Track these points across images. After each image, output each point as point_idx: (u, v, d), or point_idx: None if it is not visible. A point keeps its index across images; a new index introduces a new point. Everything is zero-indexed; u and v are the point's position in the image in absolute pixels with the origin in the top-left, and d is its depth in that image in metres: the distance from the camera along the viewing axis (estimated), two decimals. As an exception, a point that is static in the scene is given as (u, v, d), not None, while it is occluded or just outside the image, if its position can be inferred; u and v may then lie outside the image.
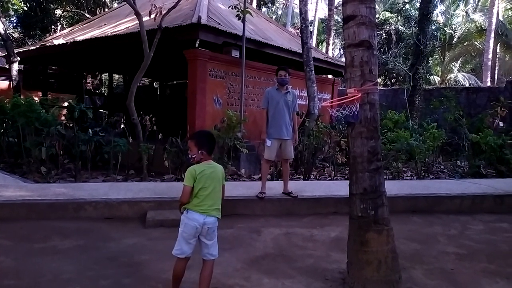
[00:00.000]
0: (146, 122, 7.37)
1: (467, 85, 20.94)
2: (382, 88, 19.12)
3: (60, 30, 17.89)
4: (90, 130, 7.09)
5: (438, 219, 5.12)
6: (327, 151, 8.43)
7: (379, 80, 22.58)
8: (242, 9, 7.47)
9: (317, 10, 25.73)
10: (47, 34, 17.47)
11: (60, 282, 3.03)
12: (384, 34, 21.21)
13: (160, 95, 14.58)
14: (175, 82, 14.66)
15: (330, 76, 13.70)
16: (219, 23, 8.15)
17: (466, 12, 26.05)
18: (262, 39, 9.20)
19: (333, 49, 24.70)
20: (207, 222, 2.69)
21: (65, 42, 10.11)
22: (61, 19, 20.24)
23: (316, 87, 9.53)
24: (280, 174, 6.46)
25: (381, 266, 2.91)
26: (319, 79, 11.05)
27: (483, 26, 21.95)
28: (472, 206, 5.55)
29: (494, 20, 18.96)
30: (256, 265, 3.48)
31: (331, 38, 21.74)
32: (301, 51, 9.52)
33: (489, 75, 20.06)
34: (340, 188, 5.64)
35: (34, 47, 11.89)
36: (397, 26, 21.48)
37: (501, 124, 10.40)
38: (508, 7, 23.34)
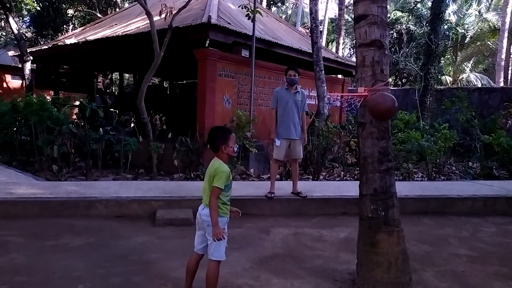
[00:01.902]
0: (156, 121, 7.41)
1: (479, 85, 20.64)
2: (393, 88, 18.93)
3: (72, 30, 18.11)
4: (101, 129, 7.14)
5: (449, 221, 5.06)
6: (336, 151, 8.38)
7: (390, 80, 22.43)
8: (252, 9, 7.47)
9: (327, 9, 25.68)
10: (59, 34, 17.69)
11: (71, 279, 3.06)
12: (395, 33, 21.00)
13: (170, 95, 14.67)
14: (184, 82, 14.73)
15: (340, 76, 13.62)
16: (229, 23, 8.16)
17: (479, 12, 25.67)
18: (272, 39, 9.18)
19: (343, 48, 24.55)
20: (202, 213, 2.71)
21: (76, 41, 10.22)
22: (73, 19, 20.49)
23: (326, 87, 9.47)
24: (289, 174, 6.44)
25: (391, 268, 2.89)
26: (329, 79, 10.99)
27: (496, 26, 21.62)
28: (484, 208, 5.47)
29: (507, 20, 18.68)
30: (265, 265, 3.48)
31: (341, 38, 21.60)
32: (311, 51, 9.48)
33: (502, 75, 19.77)
34: (349, 188, 5.60)
35: (46, 47, 12.05)
36: (408, 25, 21.27)
37: (514, 125, 10.23)
38: (523, 6, 22.91)
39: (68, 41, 10.77)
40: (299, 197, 5.21)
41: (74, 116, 9.10)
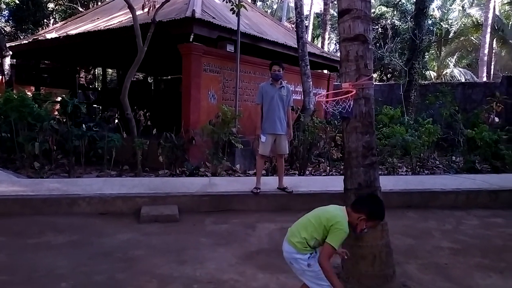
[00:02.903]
0: (140, 117, 7.32)
1: (463, 80, 20.97)
2: (378, 83, 19.10)
3: (52, 24, 17.70)
4: (83, 125, 7.02)
5: (433, 214, 5.13)
6: (322, 146, 8.42)
7: (375, 75, 22.66)
8: (237, 3, 7.40)
9: (313, 4, 25.60)
10: (40, 28, 17.26)
11: (54, 277, 3.01)
12: (380, 28, 21.17)
13: (154, 90, 14.52)
14: (169, 77, 14.58)
15: (325, 71, 13.65)
16: (213, 17, 8.09)
17: (463, 7, 26.07)
18: (257, 34, 9.14)
19: (328, 44, 24.63)
20: (285, 248, 2.42)
21: (58, 36, 10.00)
22: (54, 13, 20.00)
23: (311, 82, 9.50)
24: (275, 170, 6.45)
25: (375, 261, 2.91)
26: (314, 74, 11.00)
27: (479, 21, 21.93)
28: (467, 201, 5.56)
29: (490, 15, 18.94)
30: (251, 260, 3.48)
31: (326, 33, 21.63)
32: (296, 46, 9.47)
33: (485, 70, 20.06)
34: (335, 183, 5.62)
35: (26, 41, 11.76)
36: (393, 20, 21.45)
37: (496, 119, 10.43)
38: (505, 1, 23.33)
39: (48, 36, 10.53)
40: (285, 192, 5.22)
41: (56, 113, 8.91)
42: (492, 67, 24.19)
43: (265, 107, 5.22)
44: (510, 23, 22.33)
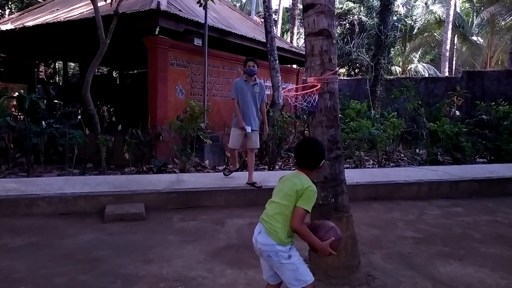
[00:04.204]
0: (103, 113, 7.08)
1: (426, 75, 21.74)
2: (346, 78, 19.46)
3: (8, 15, 16.79)
4: (43, 122, 6.71)
5: (397, 205, 5.27)
6: (292, 141, 8.47)
7: (343, 70, 23.07)
8: (204, -4, 7.28)
9: (282, -1, 25.65)
10: (-6, 19, 16.32)
11: (11, 281, 2.87)
12: (347, 24, 21.51)
13: (119, 85, 14.11)
14: (135, 71, 14.21)
15: (294, 66, 13.74)
16: (180, 10, 7.92)
17: (426, 4, 26.94)
18: (225, 27, 9.05)
19: (297, 38, 24.77)
20: (258, 240, 2.23)
21: (13, 27, 9.48)
22: (9, 3, 18.95)
23: (280, 77, 9.52)
24: (245, 165, 6.42)
25: (341, 252, 2.94)
26: (283, 68, 11.05)
27: (442, 18, 22.73)
28: (429, 192, 5.75)
29: (451, 12, 19.64)
30: (219, 257, 3.44)
31: (295, 28, 21.77)
32: (265, 40, 9.46)
33: (447, 65, 20.83)
34: (303, 177, 5.68)
35: (-21, 33, 11.08)
36: (360, 16, 21.84)
37: (457, 113, 10.88)
38: (465, -1, 24.33)
39: (3, 27, 9.96)
40: (254, 187, 5.20)
41: (13, 109, 8.46)
42: (454, 62, 25.18)
43: (240, 103, 5.19)
44: (470, 20, 23.30)
